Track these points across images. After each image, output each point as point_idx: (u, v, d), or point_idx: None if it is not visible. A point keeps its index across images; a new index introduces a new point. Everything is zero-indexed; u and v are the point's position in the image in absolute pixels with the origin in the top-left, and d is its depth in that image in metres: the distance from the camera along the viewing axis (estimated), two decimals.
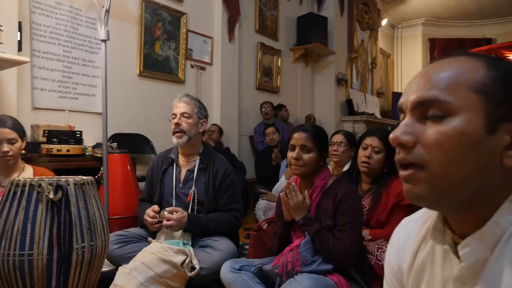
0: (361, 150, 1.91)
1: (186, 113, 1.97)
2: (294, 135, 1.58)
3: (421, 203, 0.57)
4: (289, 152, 1.57)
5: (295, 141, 1.56)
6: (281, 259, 1.45)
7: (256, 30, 5.08)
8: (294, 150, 1.55)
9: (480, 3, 8.03)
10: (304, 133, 1.55)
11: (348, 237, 1.43)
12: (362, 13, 6.86)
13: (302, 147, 1.54)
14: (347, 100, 6.30)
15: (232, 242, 1.87)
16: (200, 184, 1.96)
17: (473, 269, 0.55)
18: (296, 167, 1.54)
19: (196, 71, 4.27)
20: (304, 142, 1.54)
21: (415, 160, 0.55)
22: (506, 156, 0.52)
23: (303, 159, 1.53)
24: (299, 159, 1.53)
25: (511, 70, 0.55)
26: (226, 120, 4.49)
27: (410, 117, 0.57)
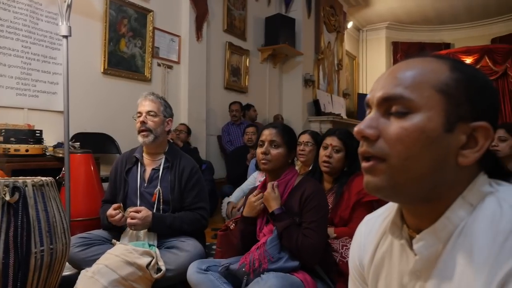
0: (322, 150, 1.95)
1: (152, 111, 1.94)
2: (264, 131, 1.61)
3: (378, 193, 0.59)
4: (259, 148, 1.60)
5: (264, 137, 1.59)
6: (248, 257, 1.46)
7: (224, 29, 5.06)
8: (263, 146, 1.58)
9: (439, 10, 8.40)
10: (273, 129, 1.60)
11: (314, 235, 1.46)
12: (329, 15, 6.99)
13: (270, 142, 1.57)
14: (314, 100, 6.40)
15: (199, 242, 1.85)
16: (165, 183, 1.94)
17: (427, 263, 0.58)
18: (264, 162, 1.57)
19: (163, 70, 4.20)
20: (273, 137, 1.57)
21: (377, 153, 0.57)
22: (460, 155, 0.55)
23: (271, 154, 1.56)
24: (267, 153, 1.56)
25: (473, 74, 0.58)
26: (194, 119, 4.45)
27: (376, 112, 0.60)
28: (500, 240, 0.50)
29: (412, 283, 0.61)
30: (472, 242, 0.53)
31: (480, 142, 0.55)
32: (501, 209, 0.53)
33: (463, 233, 0.55)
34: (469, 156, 0.55)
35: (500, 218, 0.51)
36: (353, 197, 1.82)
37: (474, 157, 0.55)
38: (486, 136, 0.55)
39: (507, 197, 0.54)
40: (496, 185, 0.57)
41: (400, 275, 0.64)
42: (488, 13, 8.63)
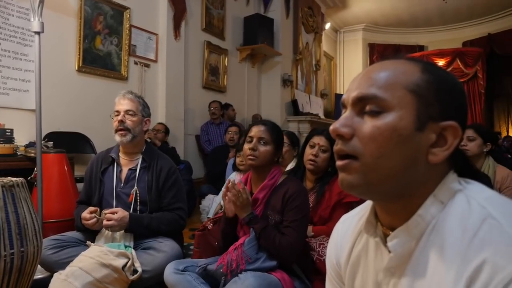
0: (308, 148, 1.95)
1: (131, 110, 1.91)
2: (253, 128, 1.61)
3: (352, 191, 0.60)
4: (246, 144, 1.60)
5: (253, 133, 1.59)
6: (225, 258, 1.46)
7: (202, 28, 5.03)
8: (251, 142, 1.57)
9: (413, 13, 8.62)
10: (262, 126, 1.60)
11: (294, 234, 1.47)
12: (307, 16, 7.05)
13: (259, 139, 1.57)
14: (293, 100, 6.44)
15: (176, 243, 1.83)
16: (142, 183, 1.91)
17: (401, 260, 0.60)
18: (251, 158, 1.57)
19: (140, 68, 4.14)
20: (262, 134, 1.57)
21: (351, 152, 0.58)
22: (430, 153, 0.57)
23: (259, 151, 1.56)
24: (255, 150, 1.56)
25: (443, 75, 0.60)
26: (172, 119, 4.40)
27: (350, 111, 0.61)
28: (469, 236, 0.51)
29: (386, 280, 0.62)
30: (443, 239, 0.55)
31: (449, 141, 0.57)
32: (470, 206, 0.54)
33: (434, 230, 0.56)
34: (439, 154, 0.57)
35: (469, 215, 0.53)
36: (334, 197, 1.84)
37: (443, 155, 0.57)
38: (455, 135, 0.57)
39: (475, 194, 0.56)
40: (465, 183, 0.59)
41: (376, 272, 0.65)
42: (460, 18, 8.92)
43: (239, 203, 1.50)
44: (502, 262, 0.46)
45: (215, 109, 4.76)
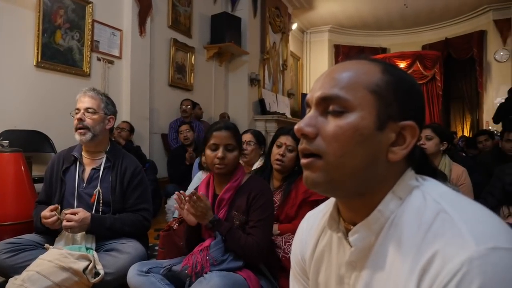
0: (275, 148, 1.96)
1: (91, 108, 1.84)
2: (215, 133, 1.54)
3: (316, 188, 0.62)
4: (210, 152, 1.53)
5: (218, 140, 1.53)
6: (190, 259, 1.44)
7: (169, 25, 4.94)
8: (217, 150, 1.52)
9: (377, 16, 8.90)
10: (226, 132, 1.54)
11: (260, 233, 1.48)
12: (274, 16, 7.10)
13: (226, 146, 1.53)
14: (260, 99, 6.47)
15: (140, 244, 1.79)
16: (106, 184, 1.85)
17: (361, 253, 0.62)
18: (221, 167, 1.52)
19: (104, 65, 4.01)
20: (228, 141, 1.53)
21: (315, 151, 0.60)
22: (390, 152, 0.59)
23: (228, 158, 1.52)
24: (225, 158, 1.51)
25: (401, 76, 0.62)
26: (136, 117, 4.29)
27: (314, 111, 0.62)
28: (424, 230, 0.54)
29: (348, 274, 0.64)
30: (400, 233, 0.57)
31: (408, 140, 0.60)
32: (425, 201, 0.57)
33: (393, 224, 0.59)
34: (398, 153, 0.59)
35: (424, 210, 0.56)
36: (300, 195, 1.87)
37: (402, 153, 0.59)
38: (413, 134, 0.60)
39: (430, 190, 0.59)
40: (422, 180, 0.62)
41: (338, 266, 0.67)
42: (419, 22, 9.31)
43: (198, 212, 1.46)
44: (451, 253, 0.49)
45: (186, 107, 4.70)
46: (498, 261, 0.46)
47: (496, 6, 8.13)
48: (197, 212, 1.46)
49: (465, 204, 0.56)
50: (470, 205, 0.56)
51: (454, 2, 8.03)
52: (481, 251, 0.47)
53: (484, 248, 0.47)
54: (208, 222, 1.48)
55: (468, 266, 0.47)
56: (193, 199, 1.44)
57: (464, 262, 0.47)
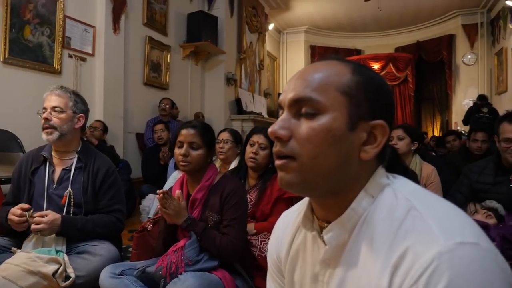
0: (249, 147, 2.00)
1: (58, 107, 1.78)
2: (182, 131, 1.57)
3: (290, 189, 0.62)
4: (177, 149, 1.56)
5: (183, 138, 1.55)
6: (165, 260, 1.42)
7: (144, 23, 4.86)
8: (182, 147, 1.54)
9: (351, 18, 9.06)
10: (192, 130, 1.56)
11: (235, 232, 1.48)
12: (251, 16, 7.11)
13: (190, 144, 1.54)
14: (236, 99, 6.46)
15: (113, 245, 1.76)
16: (77, 185, 1.80)
17: (335, 251, 0.63)
18: (184, 164, 1.54)
19: (76, 62, 3.90)
20: (192, 139, 1.54)
21: (289, 153, 0.60)
22: (362, 151, 0.60)
23: (191, 156, 1.53)
24: (187, 155, 1.52)
25: (371, 76, 0.63)
26: (110, 116, 4.20)
27: (287, 113, 0.62)
28: (395, 227, 0.55)
29: (323, 271, 0.65)
30: (373, 230, 0.58)
31: (379, 139, 0.61)
32: (397, 199, 0.59)
33: (365, 222, 0.60)
34: (370, 152, 0.60)
35: (396, 208, 0.57)
36: (275, 193, 1.89)
37: (373, 152, 0.61)
38: (383, 133, 0.61)
39: (401, 188, 0.61)
40: (392, 178, 0.64)
41: (313, 264, 0.68)
42: (392, 25, 9.55)
43: (171, 211, 1.47)
44: (422, 249, 0.51)
45: (165, 106, 4.65)
46: (465, 255, 0.48)
47: (464, 12, 8.45)
48: (169, 210, 1.46)
49: (434, 201, 0.58)
50: (438, 202, 0.58)
51: (425, 7, 8.28)
52: (449, 246, 0.49)
53: (452, 243, 0.49)
54: (182, 222, 1.47)
55: (438, 261, 0.48)
56: (165, 196, 1.45)
57: (434, 257, 0.49)
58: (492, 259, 0.49)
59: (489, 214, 1.79)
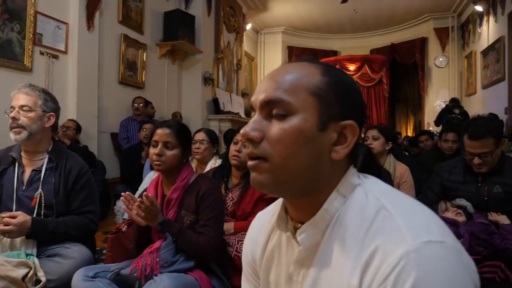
0: (233, 145, 2.01)
1: (26, 106, 1.73)
2: (157, 131, 1.56)
3: (263, 189, 0.63)
4: (152, 149, 1.55)
5: (158, 137, 1.54)
6: (140, 262, 1.40)
7: (119, 20, 4.77)
8: (157, 147, 1.52)
9: (328, 20, 9.18)
10: (167, 129, 1.55)
11: (211, 231, 1.47)
12: (229, 15, 7.09)
13: (165, 143, 1.53)
14: (214, 99, 6.43)
15: (87, 248, 1.72)
16: (48, 186, 1.75)
17: (309, 252, 0.63)
18: (158, 164, 1.52)
19: (47, 59, 3.79)
20: (167, 138, 1.53)
21: (261, 154, 0.60)
22: (333, 151, 0.61)
23: (166, 156, 1.52)
24: (162, 155, 1.51)
25: (341, 77, 0.64)
26: (84, 115, 4.10)
27: (259, 115, 0.63)
28: (366, 226, 0.57)
29: (297, 272, 0.66)
30: (344, 230, 0.59)
31: (349, 139, 0.62)
32: (367, 199, 0.60)
33: (338, 222, 0.61)
34: (340, 152, 0.61)
35: (366, 207, 0.59)
36: (257, 192, 1.89)
37: (344, 152, 0.62)
38: (353, 133, 0.62)
39: (372, 188, 0.62)
40: (364, 178, 0.65)
41: (288, 265, 0.68)
42: (368, 27, 9.74)
43: (148, 215, 1.44)
44: (391, 248, 0.52)
45: (139, 105, 4.57)
46: (432, 253, 0.50)
47: (436, 16, 8.72)
48: (146, 214, 1.43)
49: (403, 201, 0.59)
50: (407, 201, 0.60)
51: (399, 10, 8.49)
52: (416, 245, 0.50)
53: (419, 242, 0.51)
54: (157, 224, 1.46)
55: (405, 260, 0.50)
56: (145, 203, 1.41)
57: (402, 256, 0.50)
58: (457, 257, 0.51)
59: (459, 212, 1.85)
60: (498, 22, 6.41)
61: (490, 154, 1.82)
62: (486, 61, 6.95)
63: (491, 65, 6.72)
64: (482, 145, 1.82)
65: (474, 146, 1.85)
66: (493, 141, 1.81)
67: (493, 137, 1.82)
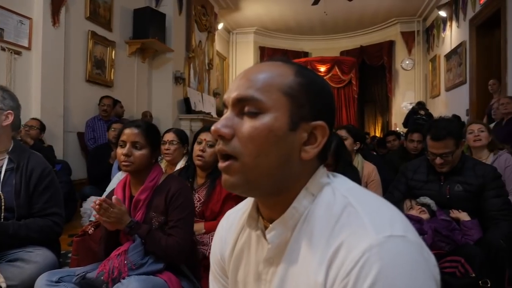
0: (196, 145, 1.98)
1: None
2: (125, 130, 1.52)
3: (235, 190, 0.63)
4: (119, 149, 1.51)
5: (126, 137, 1.51)
6: (107, 265, 1.37)
7: (86, 17, 4.62)
8: (125, 147, 1.49)
9: (299, 21, 9.29)
10: (136, 129, 1.51)
11: (181, 232, 1.46)
12: (200, 14, 7.03)
13: (133, 143, 1.49)
14: (185, 98, 6.36)
15: (51, 251, 1.66)
16: (8, 187, 1.67)
17: (278, 250, 0.64)
18: (126, 164, 1.49)
19: (9, 55, 3.62)
20: (135, 138, 1.50)
21: (231, 152, 0.60)
22: (303, 151, 0.62)
23: (134, 156, 1.49)
24: (130, 155, 1.48)
25: (313, 79, 0.65)
26: (48, 114, 3.96)
27: (231, 112, 0.63)
28: (332, 223, 0.58)
29: (266, 270, 0.66)
30: (312, 227, 0.60)
31: (319, 139, 0.63)
32: (335, 197, 0.61)
33: (306, 220, 0.62)
34: (310, 152, 0.62)
35: (334, 205, 0.60)
36: (225, 191, 1.88)
37: (314, 152, 0.63)
38: (323, 134, 0.63)
39: (339, 186, 0.63)
40: (332, 177, 0.66)
41: (257, 263, 0.69)
42: (338, 29, 9.94)
43: (112, 219, 1.40)
44: (355, 242, 0.53)
45: (107, 105, 4.45)
46: (393, 247, 0.52)
47: (403, 20, 9.03)
48: (110, 219, 1.40)
49: (368, 198, 0.61)
50: (372, 198, 0.61)
51: (368, 13, 8.71)
52: (379, 239, 0.52)
53: (382, 237, 0.52)
54: (125, 227, 1.43)
55: (368, 254, 0.51)
56: (104, 206, 1.37)
57: (365, 250, 0.52)
58: (418, 251, 0.53)
59: (423, 209, 1.92)
60: (460, 27, 6.70)
61: (451, 154, 1.90)
62: (449, 65, 7.25)
63: (453, 69, 7.01)
64: (443, 145, 1.90)
65: (436, 147, 1.93)
66: (453, 142, 1.90)
67: (454, 138, 1.90)
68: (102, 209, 1.38)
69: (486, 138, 2.66)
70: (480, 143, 2.66)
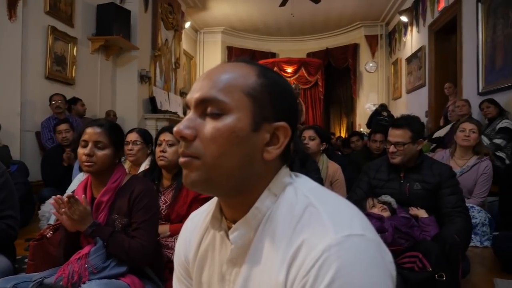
0: (157, 147, 1.97)
1: None
2: (87, 130, 1.47)
3: (194, 187, 0.62)
4: (81, 149, 1.46)
5: (88, 137, 1.46)
6: (66, 269, 1.32)
7: (46, 11, 4.42)
8: (87, 147, 1.44)
9: (266, 22, 9.36)
10: (98, 128, 1.47)
11: (145, 234, 1.43)
12: (167, 12, 6.92)
13: (95, 143, 1.45)
14: (151, 97, 6.24)
15: (5, 257, 1.58)
16: None
17: (241, 250, 0.64)
18: (88, 164, 1.44)
19: None
20: (98, 137, 1.46)
21: (194, 154, 0.60)
22: (265, 151, 0.62)
23: (97, 156, 1.44)
24: (92, 155, 1.44)
25: (276, 80, 0.65)
26: (4, 112, 3.77)
27: (193, 113, 0.62)
28: (294, 222, 0.59)
29: (229, 271, 0.66)
30: (275, 227, 0.61)
31: (281, 140, 0.64)
32: (297, 197, 0.62)
33: (269, 220, 0.62)
34: (272, 152, 0.63)
35: (296, 205, 0.61)
36: (191, 193, 1.86)
37: (276, 152, 0.63)
38: (285, 135, 0.64)
39: (301, 186, 0.64)
40: (295, 177, 0.67)
41: (221, 264, 0.68)
42: (304, 31, 10.10)
43: (76, 216, 1.37)
44: (315, 242, 0.54)
45: (59, 103, 4.25)
46: (352, 246, 0.53)
47: (366, 23, 9.31)
48: (74, 216, 1.35)
49: (329, 198, 0.62)
50: (333, 198, 0.63)
51: (333, 16, 8.91)
52: (338, 239, 0.53)
53: (341, 236, 0.54)
54: (87, 228, 1.38)
55: (328, 253, 0.52)
56: (71, 201, 1.35)
57: (324, 249, 0.53)
58: (375, 248, 0.55)
59: (384, 207, 1.99)
60: (420, 32, 6.99)
61: (403, 145, 1.99)
62: (410, 68, 7.55)
63: (414, 72, 7.31)
64: (400, 134, 1.99)
65: (393, 135, 2.03)
66: (410, 134, 1.99)
67: (411, 131, 2.00)
68: (69, 203, 1.34)
69: (475, 139, 2.74)
70: (468, 143, 2.74)
